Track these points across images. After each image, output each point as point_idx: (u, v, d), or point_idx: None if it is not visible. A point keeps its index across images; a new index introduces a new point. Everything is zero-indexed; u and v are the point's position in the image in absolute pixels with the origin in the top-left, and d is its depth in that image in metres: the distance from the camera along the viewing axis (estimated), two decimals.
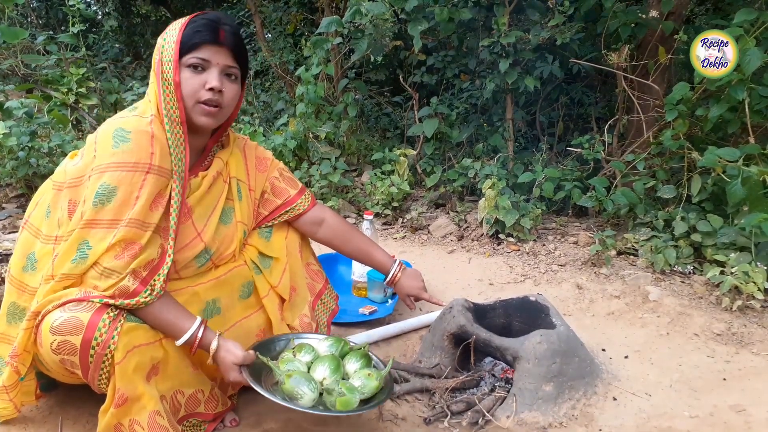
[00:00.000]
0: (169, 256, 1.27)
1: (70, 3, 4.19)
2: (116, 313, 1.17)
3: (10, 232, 3.00)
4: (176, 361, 1.32)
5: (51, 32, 4.73)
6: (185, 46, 1.29)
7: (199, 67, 1.30)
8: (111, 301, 1.17)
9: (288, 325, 1.61)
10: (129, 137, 1.24)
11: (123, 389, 1.17)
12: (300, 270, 1.65)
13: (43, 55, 4.48)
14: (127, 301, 1.19)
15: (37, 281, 1.28)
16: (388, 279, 1.71)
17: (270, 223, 1.60)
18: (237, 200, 1.51)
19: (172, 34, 1.31)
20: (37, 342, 1.18)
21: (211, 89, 1.30)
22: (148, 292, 1.21)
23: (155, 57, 1.32)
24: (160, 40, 1.33)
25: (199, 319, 1.30)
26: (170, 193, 1.29)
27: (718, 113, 2.57)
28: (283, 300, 1.60)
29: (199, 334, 1.28)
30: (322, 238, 1.67)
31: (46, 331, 1.14)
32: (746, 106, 2.51)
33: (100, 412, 1.20)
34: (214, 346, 1.29)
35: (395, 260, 1.71)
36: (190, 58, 1.29)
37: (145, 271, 1.22)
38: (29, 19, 7.14)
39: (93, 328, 1.12)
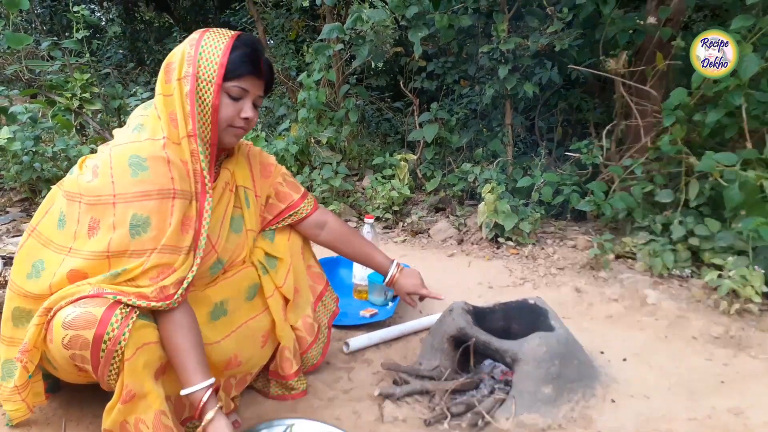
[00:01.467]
0: (192, 272, 1.29)
1: (75, 9, 4.22)
2: (128, 309, 1.18)
3: (13, 236, 3.03)
4: None
5: (55, 38, 4.76)
6: (230, 74, 1.29)
7: (238, 97, 1.33)
8: (123, 299, 1.18)
9: (291, 326, 1.63)
10: (146, 164, 1.24)
11: (131, 385, 1.18)
12: (302, 271, 1.67)
13: (48, 60, 4.51)
14: (140, 302, 1.19)
15: (40, 288, 1.27)
16: (387, 279, 1.74)
17: (273, 227, 1.62)
18: (245, 208, 1.53)
19: (213, 53, 1.29)
20: (47, 338, 1.19)
21: (245, 118, 1.35)
22: (167, 301, 1.23)
23: (185, 69, 1.30)
24: (191, 52, 1.31)
25: (212, 380, 1.28)
26: (194, 213, 1.31)
27: (716, 118, 2.58)
28: (286, 301, 1.61)
29: (205, 398, 1.25)
30: (324, 240, 1.70)
31: (58, 326, 1.15)
32: (743, 112, 2.53)
33: (106, 409, 1.21)
34: (209, 416, 1.25)
35: (394, 261, 1.74)
36: (233, 87, 1.31)
37: (174, 288, 1.25)
38: (33, 25, 7.18)
39: (105, 323, 1.13)
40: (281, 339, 1.60)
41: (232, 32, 1.34)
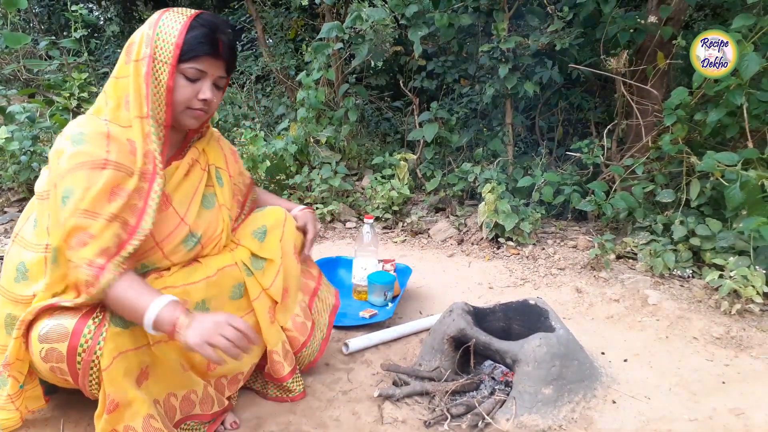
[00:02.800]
0: (130, 244, 1.23)
1: (73, 8, 4.21)
2: (101, 318, 1.17)
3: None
4: (165, 364, 1.31)
5: (53, 37, 4.75)
6: (185, 55, 1.28)
7: (195, 78, 1.31)
8: (78, 301, 1.16)
9: (282, 327, 1.61)
10: (84, 139, 1.24)
11: (113, 395, 1.17)
12: (295, 271, 1.65)
13: (46, 60, 4.50)
14: (91, 291, 1.16)
15: (31, 290, 1.27)
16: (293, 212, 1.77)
17: (262, 227, 1.60)
18: (218, 186, 1.53)
19: (169, 33, 1.28)
20: (29, 350, 1.18)
21: (203, 100, 1.33)
22: (106, 277, 1.17)
23: (142, 49, 1.29)
24: (150, 33, 1.29)
25: (169, 297, 1.22)
26: (134, 190, 1.26)
27: (717, 118, 2.58)
28: (275, 302, 1.59)
29: (169, 314, 1.18)
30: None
31: (34, 340, 1.14)
32: (745, 111, 2.53)
33: (95, 417, 1.20)
34: (181, 321, 1.18)
35: (299, 207, 1.76)
36: (189, 68, 1.29)
37: (102, 259, 1.18)
38: (32, 24, 7.16)
39: (78, 335, 1.12)
40: (267, 343, 1.56)
41: (193, 11, 1.32)
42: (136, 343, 1.22)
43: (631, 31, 3.06)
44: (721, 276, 2.26)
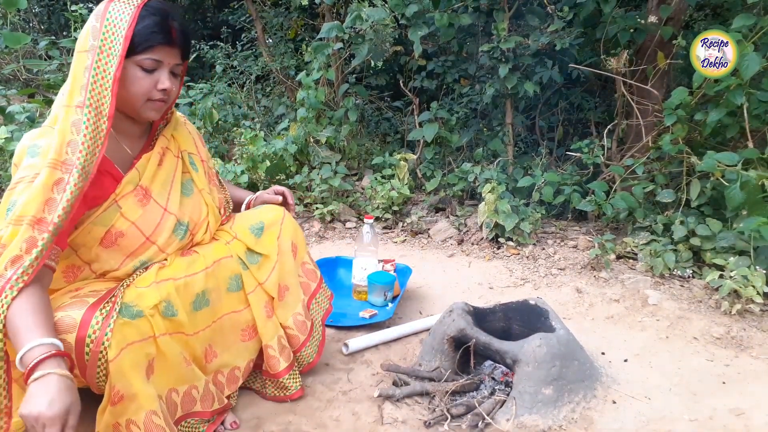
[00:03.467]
0: (40, 248, 1.12)
1: (72, 8, 4.21)
2: (108, 308, 1.17)
3: None
4: (169, 357, 1.31)
5: (53, 37, 4.74)
6: (139, 46, 1.24)
7: (152, 68, 1.29)
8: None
9: (281, 324, 1.61)
10: (38, 152, 1.22)
11: (118, 386, 1.17)
12: (293, 269, 1.65)
13: (45, 59, 4.49)
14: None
15: None
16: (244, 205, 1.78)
17: (260, 223, 1.60)
18: (193, 172, 1.53)
19: (118, 25, 1.22)
20: None
21: (162, 90, 1.31)
22: (6, 293, 1.08)
23: (89, 41, 1.23)
24: (97, 25, 1.23)
25: (50, 340, 1.05)
26: (54, 182, 1.18)
27: (717, 118, 2.58)
28: (272, 298, 1.60)
29: (37, 354, 1.02)
30: None
31: None
32: (745, 111, 2.53)
33: (99, 411, 1.20)
34: (36, 375, 1.01)
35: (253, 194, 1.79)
36: (145, 59, 1.26)
37: (10, 270, 1.10)
38: (31, 24, 7.16)
39: (86, 326, 1.12)
40: (263, 336, 1.57)
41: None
42: (142, 334, 1.22)
43: (632, 31, 3.06)
44: (721, 276, 2.26)
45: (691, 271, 2.52)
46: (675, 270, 2.51)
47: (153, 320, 1.26)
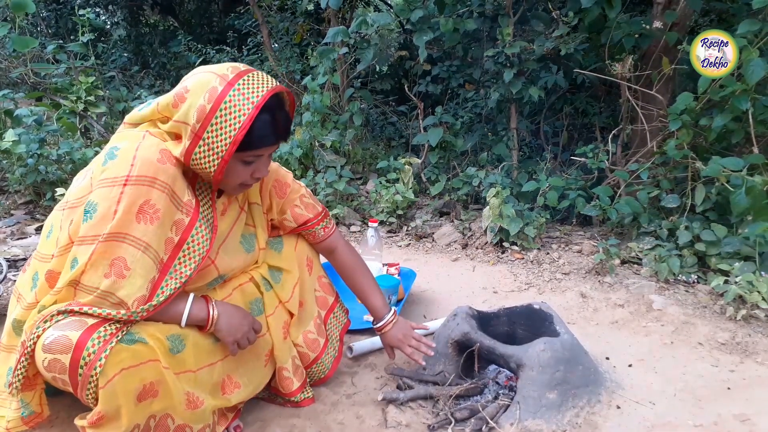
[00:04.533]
0: (163, 293, 1.22)
1: (80, 12, 4.24)
2: (110, 334, 1.12)
3: (18, 238, 3.03)
4: (175, 397, 1.27)
5: (61, 41, 4.78)
6: (246, 144, 1.22)
7: (252, 161, 1.28)
8: (95, 310, 1.14)
9: (293, 342, 1.59)
10: (117, 154, 1.21)
11: (104, 411, 1.13)
12: (309, 283, 1.63)
13: (53, 63, 4.53)
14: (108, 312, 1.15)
15: (33, 297, 1.27)
16: (377, 326, 1.66)
17: (277, 238, 1.59)
18: (259, 226, 1.51)
19: (230, 124, 1.18)
20: (35, 359, 1.14)
21: (257, 178, 1.32)
22: (135, 316, 1.18)
23: (191, 116, 1.20)
24: (207, 106, 1.19)
25: (191, 296, 1.31)
26: (176, 224, 1.24)
27: (722, 123, 2.57)
28: (291, 316, 1.58)
29: (194, 312, 1.29)
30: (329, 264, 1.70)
31: (39, 350, 1.11)
32: (750, 116, 2.52)
33: (77, 421, 1.19)
34: (214, 313, 1.31)
35: (392, 311, 1.67)
36: (249, 156, 1.25)
37: (134, 305, 1.18)
38: (39, 29, 7.21)
39: (81, 348, 1.09)
40: (278, 359, 1.55)
41: (266, 88, 1.21)
42: (139, 359, 1.17)
43: (636, 36, 3.06)
44: (726, 281, 2.26)
45: (696, 277, 2.52)
46: (680, 275, 2.51)
47: (156, 349, 1.22)
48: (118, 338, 1.14)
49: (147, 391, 1.19)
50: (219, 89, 1.19)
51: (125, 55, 7.43)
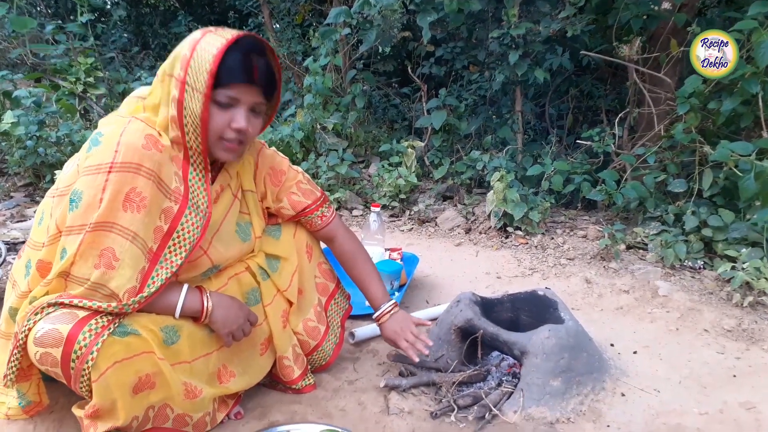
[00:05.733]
0: (154, 283, 1.20)
1: None
2: (101, 327, 1.11)
3: (17, 221, 3.02)
4: (173, 387, 1.27)
5: (60, 21, 4.72)
6: (217, 81, 1.19)
7: (227, 104, 1.23)
8: (86, 303, 1.13)
9: (293, 330, 1.57)
10: (101, 140, 1.19)
11: (99, 404, 1.13)
12: (309, 270, 1.60)
13: (52, 44, 4.48)
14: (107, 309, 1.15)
15: (26, 285, 1.27)
16: (375, 315, 1.64)
17: (276, 226, 1.56)
18: (255, 214, 1.48)
19: (205, 58, 1.18)
20: (26, 349, 1.14)
21: (237, 129, 1.25)
22: (126, 308, 1.17)
23: (177, 71, 1.20)
24: (186, 52, 1.20)
25: (185, 287, 1.29)
26: (165, 212, 1.22)
27: (731, 107, 2.54)
28: (290, 305, 1.56)
29: (188, 303, 1.28)
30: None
31: (30, 343, 1.10)
32: (760, 100, 2.48)
33: (74, 410, 1.19)
34: (208, 304, 1.30)
35: (391, 301, 1.64)
36: (220, 94, 1.21)
37: (125, 296, 1.16)
38: (38, 9, 7.13)
39: (72, 341, 1.08)
40: (278, 349, 1.52)
41: (236, 32, 1.22)
42: (132, 351, 1.16)
43: (644, 17, 3.00)
44: (733, 268, 2.23)
45: (702, 263, 2.49)
46: (686, 261, 2.48)
47: (150, 340, 1.20)
48: (110, 331, 1.12)
49: (143, 383, 1.19)
50: (196, 38, 1.22)
51: (125, 35, 7.35)
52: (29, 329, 1.11)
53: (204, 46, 1.19)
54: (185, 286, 1.30)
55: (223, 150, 1.27)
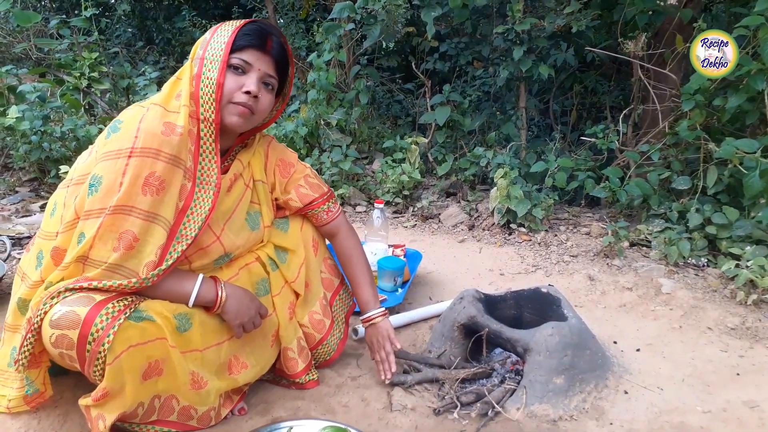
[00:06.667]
0: (171, 257, 1.24)
1: None
2: (118, 310, 1.14)
3: (23, 216, 3.03)
4: (179, 376, 1.28)
5: (64, 16, 4.73)
6: (232, 47, 1.28)
7: (240, 69, 1.29)
8: (105, 283, 1.15)
9: (298, 323, 1.58)
10: (120, 126, 1.23)
11: (109, 387, 1.14)
12: (315, 264, 1.61)
13: (56, 39, 4.48)
14: (127, 289, 1.18)
15: (38, 275, 1.28)
16: (362, 317, 1.65)
17: (284, 218, 1.58)
18: (264, 204, 1.50)
19: (223, 34, 1.30)
20: (42, 336, 1.15)
21: (247, 92, 1.29)
22: (146, 282, 1.20)
23: (198, 52, 1.31)
24: (207, 36, 1.32)
25: (200, 277, 1.31)
26: (181, 191, 1.25)
27: (737, 104, 2.52)
28: (297, 296, 1.57)
29: (202, 292, 1.30)
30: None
31: (46, 325, 1.12)
32: (765, 97, 2.47)
33: (81, 401, 1.20)
34: (222, 294, 1.32)
35: (380, 308, 1.64)
36: (233, 58, 1.28)
37: (144, 272, 1.20)
38: (42, 3, 7.13)
39: (90, 324, 1.10)
40: (283, 339, 1.54)
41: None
42: (146, 336, 1.18)
43: (650, 13, 2.99)
44: (737, 265, 2.23)
45: (706, 260, 2.49)
46: (689, 258, 2.48)
47: (164, 327, 1.23)
48: (126, 315, 1.15)
49: (152, 368, 1.21)
50: (215, 27, 1.34)
51: (129, 30, 7.34)
52: (45, 312, 1.13)
53: (223, 27, 1.32)
54: (200, 276, 1.32)
55: (234, 114, 1.31)
